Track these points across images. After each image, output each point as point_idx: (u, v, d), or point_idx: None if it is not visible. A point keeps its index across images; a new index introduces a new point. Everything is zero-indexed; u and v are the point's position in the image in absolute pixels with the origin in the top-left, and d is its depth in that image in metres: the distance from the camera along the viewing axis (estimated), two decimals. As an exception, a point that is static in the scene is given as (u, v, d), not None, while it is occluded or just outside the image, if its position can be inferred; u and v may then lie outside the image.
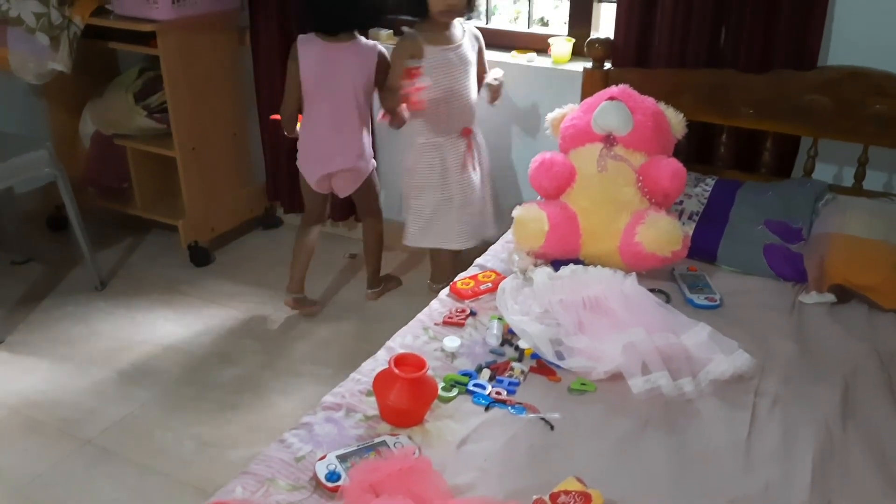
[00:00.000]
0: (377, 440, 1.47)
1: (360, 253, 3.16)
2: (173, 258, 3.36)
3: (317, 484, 1.37)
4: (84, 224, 3.07)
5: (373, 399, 1.59)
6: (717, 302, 2.03)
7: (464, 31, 2.68)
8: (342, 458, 1.40)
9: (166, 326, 2.92)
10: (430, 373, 1.60)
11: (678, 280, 2.11)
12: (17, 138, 3.12)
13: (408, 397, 1.52)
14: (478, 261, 2.25)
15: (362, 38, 2.68)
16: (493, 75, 2.78)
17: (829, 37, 2.41)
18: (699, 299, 2.03)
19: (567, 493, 1.33)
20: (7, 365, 2.71)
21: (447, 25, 2.62)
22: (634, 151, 2.13)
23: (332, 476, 1.36)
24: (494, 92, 2.78)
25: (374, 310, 3.02)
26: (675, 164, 2.10)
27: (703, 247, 2.21)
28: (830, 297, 2.03)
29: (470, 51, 2.67)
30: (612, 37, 2.62)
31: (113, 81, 3.38)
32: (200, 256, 3.33)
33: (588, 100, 2.29)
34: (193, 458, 2.27)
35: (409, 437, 1.49)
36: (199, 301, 3.08)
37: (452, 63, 2.61)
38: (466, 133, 2.74)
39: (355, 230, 3.41)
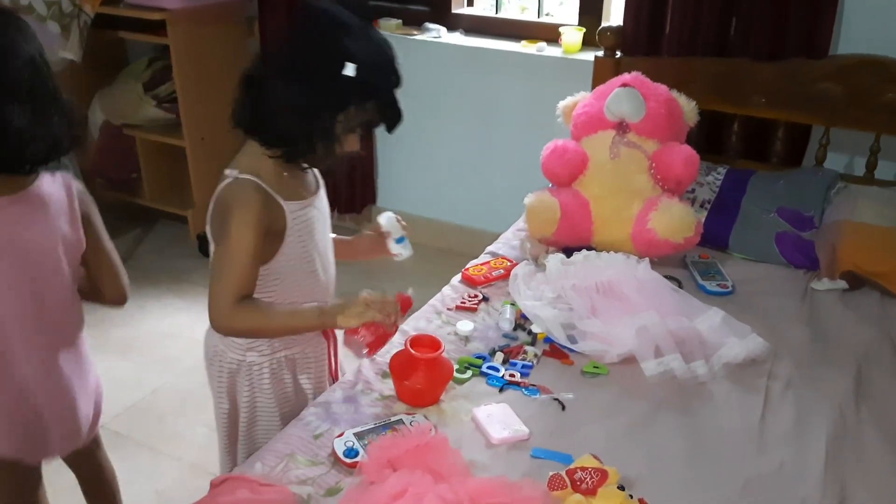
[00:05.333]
0: (393, 419, 1.47)
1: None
2: (182, 248, 3.37)
3: (335, 460, 1.38)
4: (93, 213, 3.08)
5: (389, 381, 1.60)
6: (730, 289, 2.03)
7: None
8: (359, 436, 1.41)
9: (176, 315, 2.93)
10: (444, 354, 1.60)
11: (690, 267, 2.11)
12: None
13: (424, 377, 1.52)
14: (489, 248, 2.25)
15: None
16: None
17: (839, 24, 2.42)
18: (711, 286, 2.03)
19: (584, 469, 1.33)
20: (18, 352, 2.71)
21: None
22: (647, 138, 2.13)
23: (350, 452, 1.37)
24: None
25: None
26: (687, 151, 2.10)
27: (715, 234, 2.21)
28: (842, 284, 2.03)
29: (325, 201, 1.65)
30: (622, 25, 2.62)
31: (122, 71, 3.39)
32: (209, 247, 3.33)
33: (600, 87, 2.28)
34: (207, 443, 2.28)
35: (425, 416, 1.50)
36: (208, 290, 3.08)
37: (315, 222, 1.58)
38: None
39: (364, 223, 3.42)
